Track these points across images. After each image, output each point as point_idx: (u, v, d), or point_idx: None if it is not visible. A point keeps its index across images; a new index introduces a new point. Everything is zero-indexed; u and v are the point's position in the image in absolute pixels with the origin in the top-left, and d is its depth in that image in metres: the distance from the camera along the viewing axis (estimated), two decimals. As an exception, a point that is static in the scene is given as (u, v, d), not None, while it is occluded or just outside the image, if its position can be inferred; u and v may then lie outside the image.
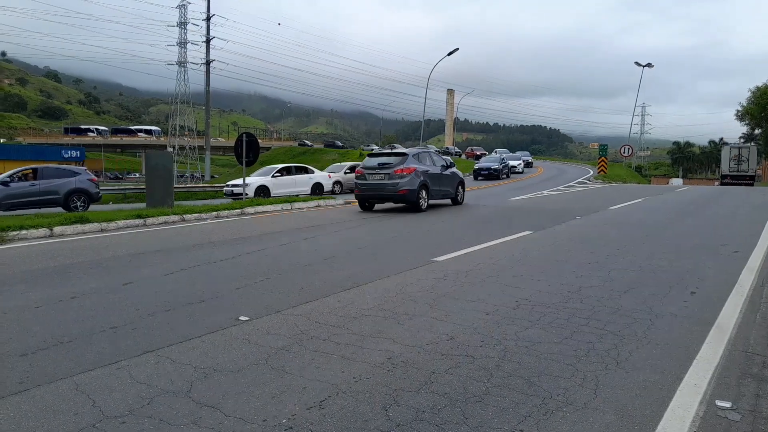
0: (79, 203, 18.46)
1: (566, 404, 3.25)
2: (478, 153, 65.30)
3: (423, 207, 14.93)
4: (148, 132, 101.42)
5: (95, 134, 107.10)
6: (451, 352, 4.10)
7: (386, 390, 3.44)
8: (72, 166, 22.02)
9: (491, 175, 35.05)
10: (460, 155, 68.17)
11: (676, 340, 4.39)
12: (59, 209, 17.62)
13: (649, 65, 52.15)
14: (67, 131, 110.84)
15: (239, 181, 23.25)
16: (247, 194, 21.99)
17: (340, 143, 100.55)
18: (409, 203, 14.95)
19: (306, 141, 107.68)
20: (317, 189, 25.63)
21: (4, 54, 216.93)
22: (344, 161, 35.45)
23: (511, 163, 41.43)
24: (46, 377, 3.66)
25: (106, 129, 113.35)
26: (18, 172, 18.45)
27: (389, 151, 18.09)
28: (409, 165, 14.88)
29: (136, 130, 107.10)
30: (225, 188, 26.02)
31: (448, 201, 17.05)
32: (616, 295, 5.78)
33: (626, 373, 3.72)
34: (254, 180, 23.83)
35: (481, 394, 3.38)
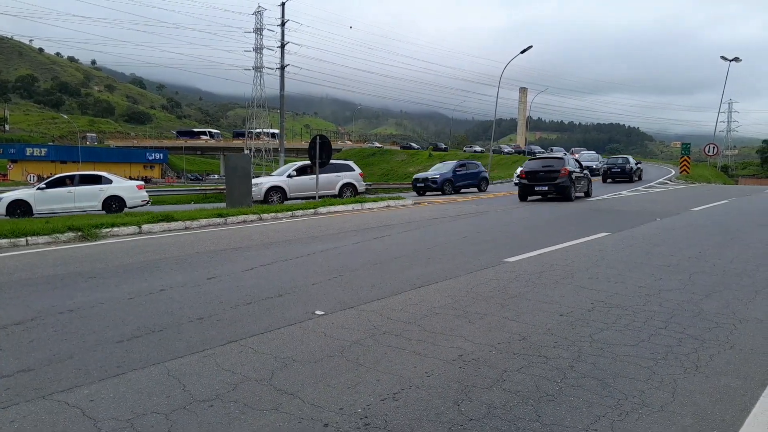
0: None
1: (642, 406, 3.21)
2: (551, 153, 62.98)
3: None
4: (272, 135, 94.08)
5: (207, 137, 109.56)
6: (523, 351, 4.11)
7: (458, 386, 3.50)
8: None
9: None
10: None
11: (761, 346, 4.21)
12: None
13: (736, 59, 49.14)
14: (179, 134, 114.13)
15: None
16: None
17: (416, 145, 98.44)
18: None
19: (412, 144, 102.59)
20: (114, 203, 18.91)
21: (94, 62, 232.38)
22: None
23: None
24: (140, 362, 3.95)
25: (218, 132, 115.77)
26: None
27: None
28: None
29: (258, 133, 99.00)
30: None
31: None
32: (697, 299, 5.58)
33: (706, 378, 3.61)
34: (7, 196, 18.52)
35: (554, 393, 3.39)
